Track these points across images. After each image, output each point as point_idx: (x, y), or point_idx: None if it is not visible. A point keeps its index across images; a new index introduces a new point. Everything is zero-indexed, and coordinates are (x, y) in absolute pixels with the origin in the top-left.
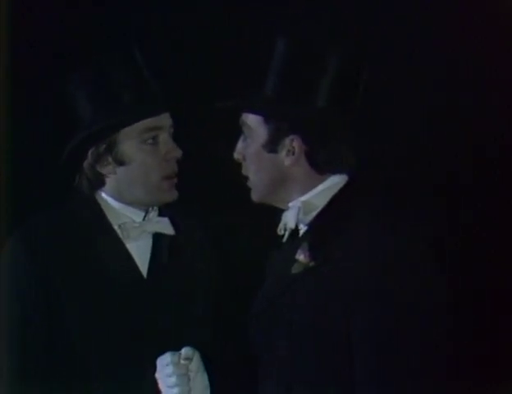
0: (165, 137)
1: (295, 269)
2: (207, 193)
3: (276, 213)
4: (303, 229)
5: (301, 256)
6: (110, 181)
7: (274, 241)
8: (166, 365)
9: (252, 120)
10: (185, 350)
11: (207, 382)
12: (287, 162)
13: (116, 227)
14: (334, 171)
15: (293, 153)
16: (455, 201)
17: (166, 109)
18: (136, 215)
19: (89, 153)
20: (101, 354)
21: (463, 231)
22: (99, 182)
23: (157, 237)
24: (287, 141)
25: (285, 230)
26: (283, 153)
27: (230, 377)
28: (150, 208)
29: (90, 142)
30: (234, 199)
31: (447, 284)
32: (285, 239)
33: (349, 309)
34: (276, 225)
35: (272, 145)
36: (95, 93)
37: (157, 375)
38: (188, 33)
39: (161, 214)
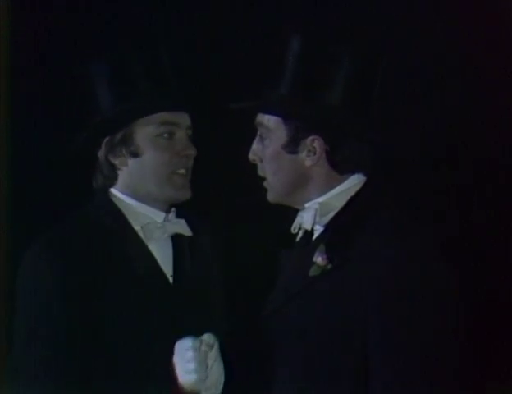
0: (181, 135)
1: (313, 272)
2: (217, 194)
3: (287, 213)
4: (318, 230)
5: (319, 258)
6: (122, 175)
7: (285, 241)
8: (186, 350)
9: (270, 121)
10: (208, 337)
11: (222, 371)
12: (308, 162)
13: (137, 228)
14: (353, 171)
15: (314, 154)
16: (468, 201)
17: (184, 108)
18: (157, 215)
19: (104, 142)
20: (128, 355)
21: (475, 231)
22: (113, 176)
23: (176, 239)
24: (308, 141)
25: (299, 229)
26: (303, 154)
27: (244, 373)
28: (169, 209)
29: (105, 130)
30: (245, 200)
31: (461, 285)
32: (298, 238)
33: (367, 311)
34: (286, 225)
35: (293, 146)
36: (117, 83)
37: (176, 359)
38: (200, 33)
39: (177, 216)
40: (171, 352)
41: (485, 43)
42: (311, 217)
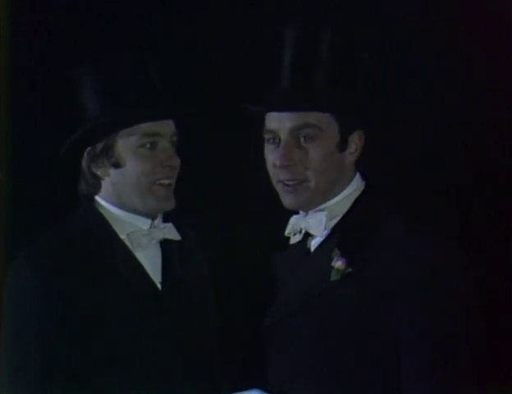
0: (164, 144)
1: (334, 276)
2: (208, 197)
3: (277, 215)
4: (322, 235)
5: (338, 263)
6: (105, 185)
7: (278, 244)
8: None
9: (320, 119)
10: None
11: None
12: (350, 159)
13: (123, 237)
14: (363, 169)
15: (355, 150)
16: (468, 201)
17: (169, 116)
18: (143, 222)
19: (86, 152)
20: (116, 360)
21: (475, 231)
22: (96, 185)
23: (165, 244)
24: (351, 138)
25: (296, 233)
26: (347, 151)
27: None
28: (156, 215)
29: (86, 140)
30: (235, 204)
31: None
32: (293, 241)
33: (394, 311)
34: (275, 227)
35: (343, 143)
36: (100, 90)
37: None
38: (200, 33)
39: (164, 220)
40: (159, 358)
41: (485, 43)
42: (322, 223)
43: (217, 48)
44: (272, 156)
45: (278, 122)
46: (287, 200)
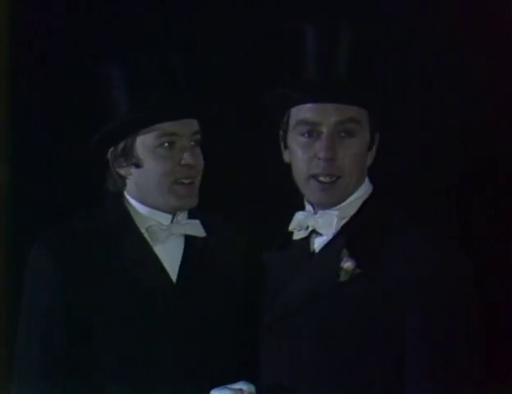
0: (183, 144)
1: (343, 277)
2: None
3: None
4: (328, 235)
5: (347, 263)
6: (130, 183)
7: (277, 244)
8: None
9: (361, 115)
10: (248, 387)
11: None
12: (370, 160)
13: (143, 231)
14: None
15: (375, 151)
16: (468, 201)
17: (189, 115)
18: (163, 218)
19: (109, 152)
20: (124, 358)
21: (475, 231)
22: (122, 183)
23: (190, 240)
24: (375, 138)
25: (302, 230)
26: (370, 152)
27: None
28: (178, 211)
29: (108, 141)
30: (235, 204)
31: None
32: (297, 237)
33: (404, 311)
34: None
35: (371, 143)
36: (121, 90)
37: None
38: (200, 33)
39: (191, 217)
40: (169, 354)
41: (485, 43)
42: (333, 223)
43: (217, 48)
44: (309, 148)
45: (322, 114)
46: (319, 197)
